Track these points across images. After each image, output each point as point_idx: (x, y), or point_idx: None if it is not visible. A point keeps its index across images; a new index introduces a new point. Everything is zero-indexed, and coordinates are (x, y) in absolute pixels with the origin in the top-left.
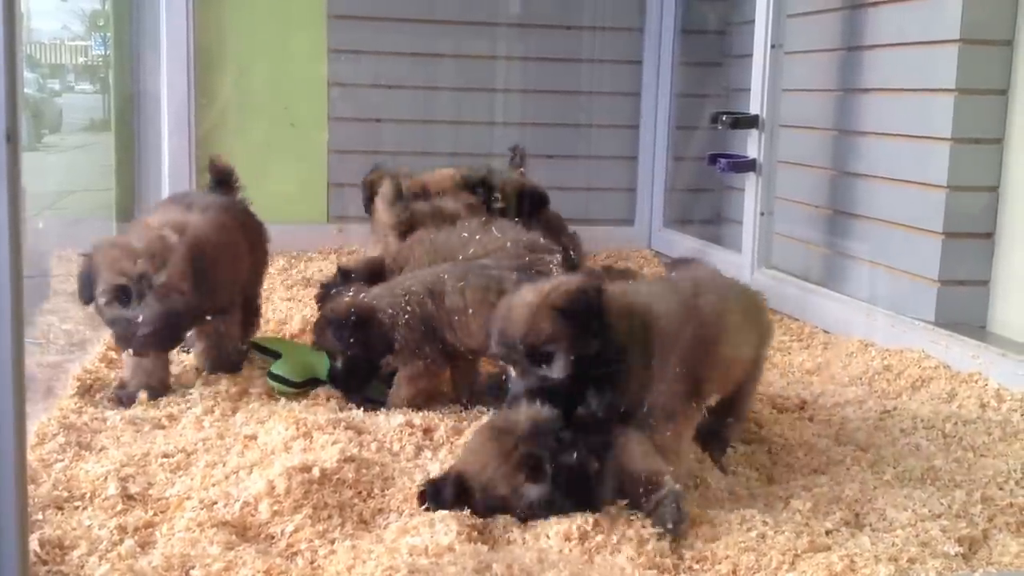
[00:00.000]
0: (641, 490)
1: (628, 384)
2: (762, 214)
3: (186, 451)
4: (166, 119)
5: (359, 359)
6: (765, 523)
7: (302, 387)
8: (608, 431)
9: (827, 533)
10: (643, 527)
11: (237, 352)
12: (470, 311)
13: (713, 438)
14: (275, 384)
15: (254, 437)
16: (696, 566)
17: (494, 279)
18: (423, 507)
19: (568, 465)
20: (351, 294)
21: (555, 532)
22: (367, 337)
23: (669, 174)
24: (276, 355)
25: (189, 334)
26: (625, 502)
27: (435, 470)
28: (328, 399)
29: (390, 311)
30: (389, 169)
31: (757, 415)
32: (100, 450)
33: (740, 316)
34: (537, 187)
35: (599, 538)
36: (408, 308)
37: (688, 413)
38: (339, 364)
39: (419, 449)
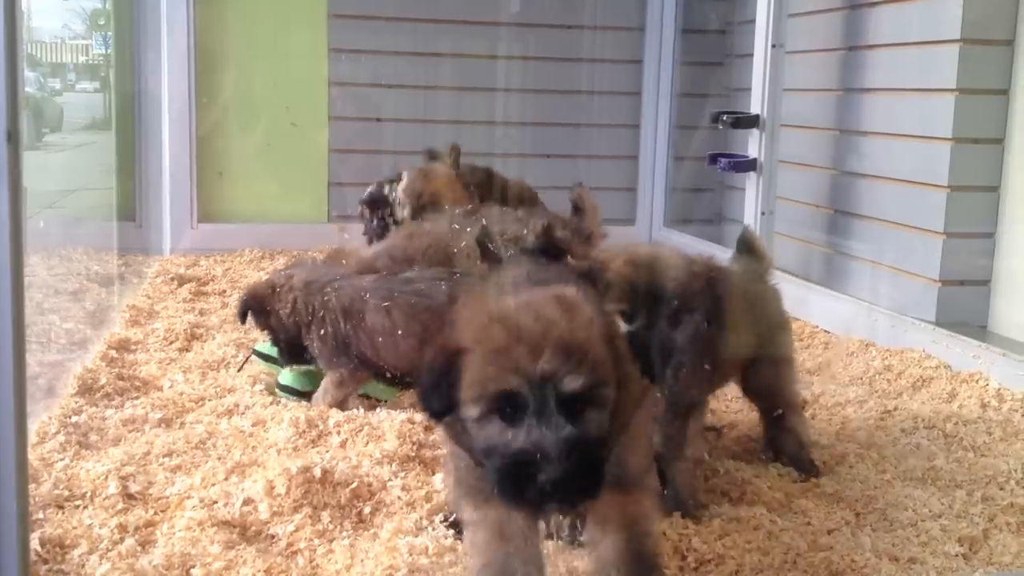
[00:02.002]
0: None
1: None
2: (763, 214)
3: (186, 450)
4: (167, 118)
5: (277, 340)
6: (773, 521)
7: (309, 395)
8: None
9: (828, 532)
10: None
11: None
12: (398, 332)
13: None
14: (283, 394)
15: (254, 436)
16: (701, 567)
17: (422, 294)
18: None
19: None
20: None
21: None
22: (263, 323)
23: (670, 174)
24: (277, 361)
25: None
26: None
27: (435, 467)
28: None
29: (289, 309)
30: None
31: (745, 416)
32: (100, 449)
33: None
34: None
35: None
36: (323, 323)
37: None
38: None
39: (420, 446)
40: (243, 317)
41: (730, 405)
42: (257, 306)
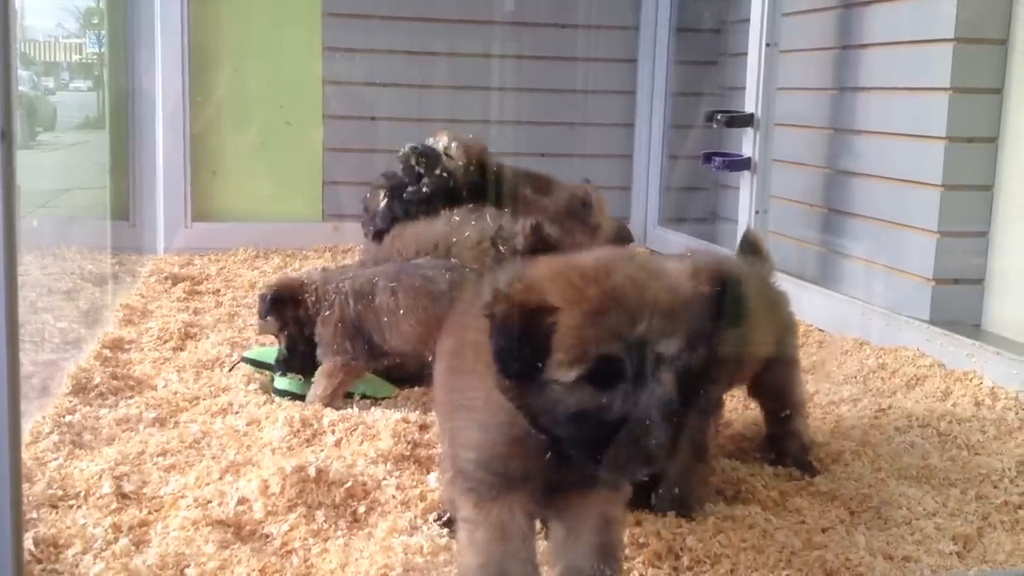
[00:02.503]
0: None
1: None
2: (757, 212)
3: (180, 450)
4: (161, 117)
5: (294, 338)
6: (768, 520)
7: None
8: None
9: (823, 531)
10: (638, 526)
11: None
12: (401, 312)
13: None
14: (279, 398)
15: (249, 435)
16: (696, 567)
17: (427, 280)
18: None
19: None
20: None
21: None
22: (291, 315)
23: (664, 173)
24: (271, 368)
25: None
26: None
27: (432, 467)
28: None
29: (314, 299)
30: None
31: (753, 412)
32: (94, 448)
33: None
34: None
35: None
36: (330, 306)
37: None
38: (282, 346)
39: (415, 446)
40: (270, 308)
41: (725, 404)
42: (288, 296)
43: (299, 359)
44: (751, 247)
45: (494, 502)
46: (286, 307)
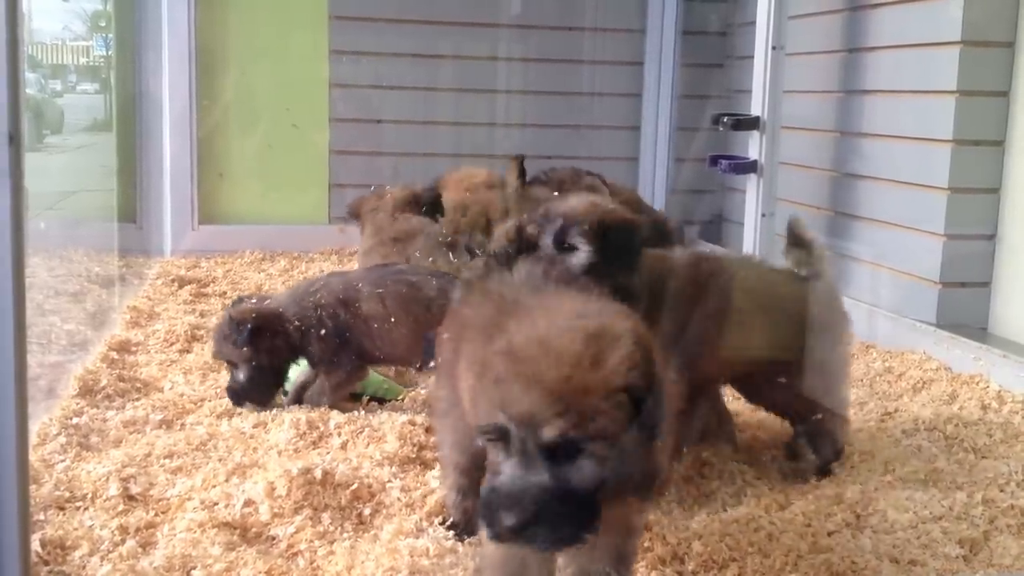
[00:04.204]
0: None
1: None
2: (763, 215)
3: (187, 452)
4: (168, 120)
5: (264, 367)
6: (773, 523)
7: None
8: None
9: (829, 534)
10: (645, 530)
11: None
12: (392, 319)
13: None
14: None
15: (255, 438)
16: (702, 571)
17: (413, 285)
18: None
19: None
20: (254, 301)
21: None
22: (271, 343)
23: (670, 175)
24: None
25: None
26: None
27: (435, 468)
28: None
29: (297, 322)
30: None
31: (760, 415)
32: (101, 450)
33: None
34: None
35: None
36: (321, 321)
37: None
38: (241, 374)
39: (420, 448)
40: (250, 337)
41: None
42: (267, 326)
43: (261, 391)
44: (796, 239)
45: None
46: (264, 337)
